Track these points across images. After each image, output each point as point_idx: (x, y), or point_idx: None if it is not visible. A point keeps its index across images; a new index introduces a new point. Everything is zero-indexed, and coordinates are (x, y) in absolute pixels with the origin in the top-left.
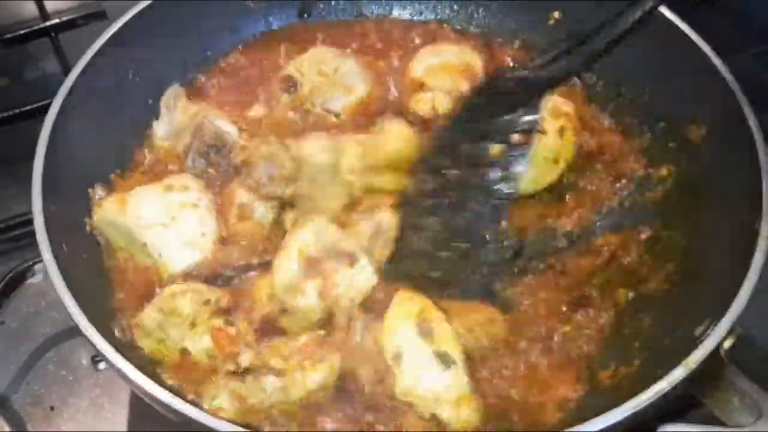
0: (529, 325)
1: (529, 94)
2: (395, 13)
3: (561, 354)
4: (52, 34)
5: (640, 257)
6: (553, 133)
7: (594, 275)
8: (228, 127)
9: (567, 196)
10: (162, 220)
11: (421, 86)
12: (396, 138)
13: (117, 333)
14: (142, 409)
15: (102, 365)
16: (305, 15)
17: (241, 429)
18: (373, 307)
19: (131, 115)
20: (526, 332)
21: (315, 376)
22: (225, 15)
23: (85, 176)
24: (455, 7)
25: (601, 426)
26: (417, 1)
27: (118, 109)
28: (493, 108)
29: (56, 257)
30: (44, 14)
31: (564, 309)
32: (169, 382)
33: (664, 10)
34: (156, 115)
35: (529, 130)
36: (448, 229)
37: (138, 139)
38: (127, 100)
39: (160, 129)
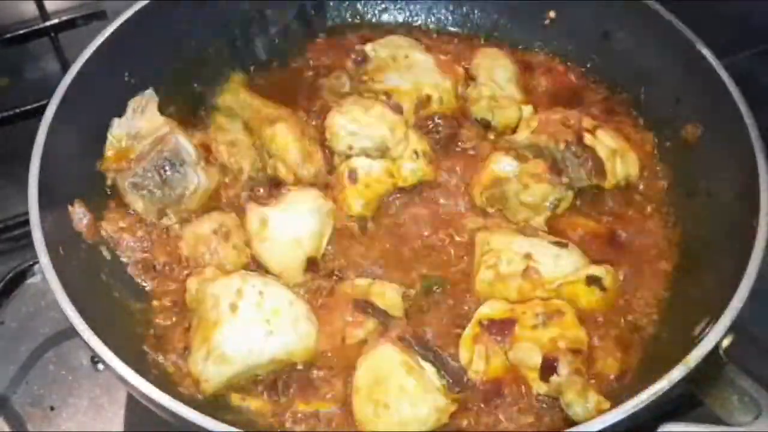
0: None
1: None
2: (390, 14)
3: None
4: (52, 34)
5: None
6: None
7: None
8: (189, 148)
9: None
10: (266, 330)
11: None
12: None
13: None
14: (139, 410)
15: (101, 365)
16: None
17: (239, 430)
18: None
19: None
20: None
21: None
22: (222, 16)
23: (82, 178)
24: (450, 7)
25: (601, 426)
26: (412, 1)
27: (116, 112)
28: None
29: (53, 261)
30: (44, 14)
31: None
32: None
33: (661, 10)
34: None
35: None
36: None
37: None
38: (125, 103)
39: (117, 128)
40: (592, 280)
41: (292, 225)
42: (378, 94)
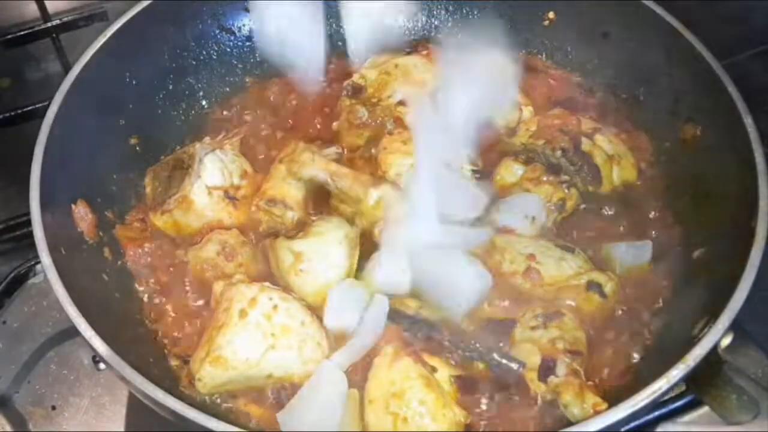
0: None
1: None
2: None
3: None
4: (54, 35)
5: None
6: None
7: None
8: (207, 162)
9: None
10: (268, 344)
11: None
12: None
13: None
14: (140, 409)
15: (103, 365)
16: None
17: (238, 429)
18: None
19: (129, 120)
20: None
21: None
22: (221, 17)
23: (84, 178)
24: (450, 8)
25: (601, 425)
26: (412, 2)
27: (117, 112)
28: None
29: (55, 261)
30: (45, 15)
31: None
32: None
33: (660, 11)
34: (152, 119)
35: None
36: None
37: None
38: (125, 104)
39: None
40: (593, 286)
41: (326, 254)
42: (395, 109)
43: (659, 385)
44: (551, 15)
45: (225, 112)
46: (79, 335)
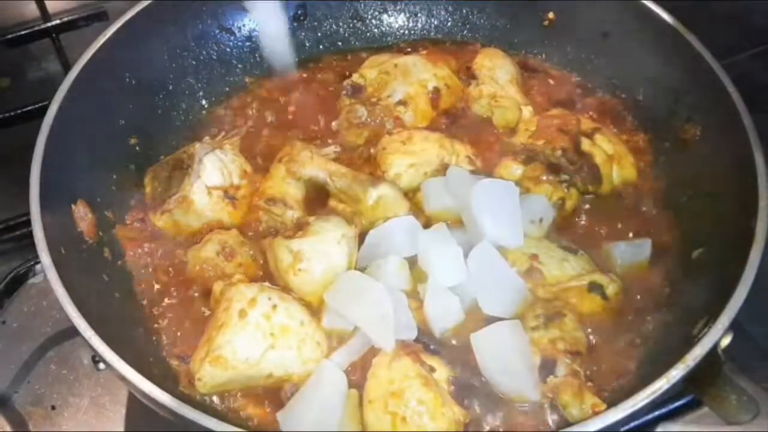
0: None
1: None
2: (390, 14)
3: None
4: (54, 34)
5: None
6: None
7: None
8: (207, 162)
9: None
10: (267, 344)
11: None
12: None
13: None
14: (140, 409)
15: (102, 365)
16: (300, 17)
17: (238, 429)
18: None
19: (128, 120)
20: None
21: None
22: (221, 17)
23: (84, 178)
24: (450, 8)
25: (601, 425)
26: (412, 2)
27: (117, 112)
28: None
29: (55, 261)
30: (45, 15)
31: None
32: None
33: (660, 11)
34: (152, 119)
35: None
36: None
37: (131, 145)
38: (125, 104)
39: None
40: (595, 287)
41: (325, 254)
42: (394, 109)
43: (659, 385)
44: (551, 15)
45: (225, 112)
46: (78, 335)
